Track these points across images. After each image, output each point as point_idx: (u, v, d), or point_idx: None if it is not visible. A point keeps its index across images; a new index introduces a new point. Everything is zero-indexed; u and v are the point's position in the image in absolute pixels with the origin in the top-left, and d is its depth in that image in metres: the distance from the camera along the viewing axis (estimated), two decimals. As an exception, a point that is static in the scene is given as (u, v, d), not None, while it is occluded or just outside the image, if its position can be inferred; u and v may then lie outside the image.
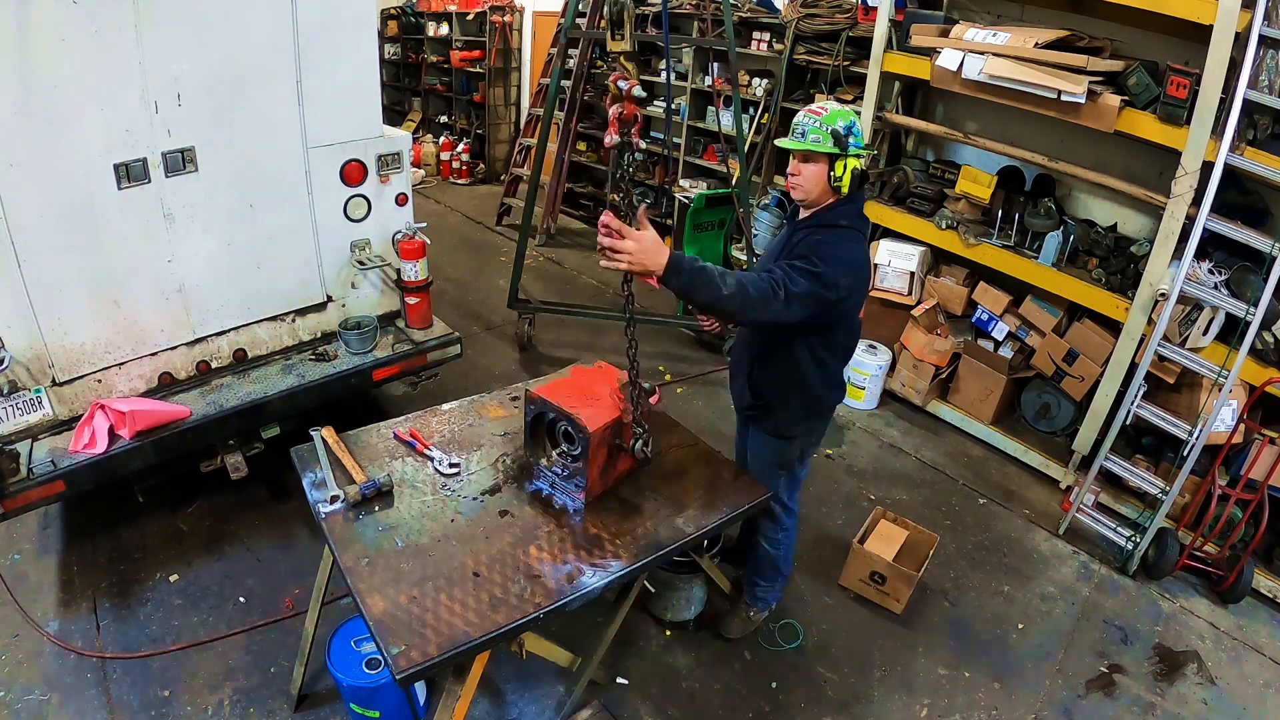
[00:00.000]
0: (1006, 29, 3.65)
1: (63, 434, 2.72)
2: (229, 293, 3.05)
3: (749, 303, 1.98)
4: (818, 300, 2.07)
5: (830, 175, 2.19)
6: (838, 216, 2.23)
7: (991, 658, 2.91)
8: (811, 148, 2.18)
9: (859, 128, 2.20)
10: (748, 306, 1.99)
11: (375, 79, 3.20)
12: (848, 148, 2.16)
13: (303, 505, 2.29)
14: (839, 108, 2.20)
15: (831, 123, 2.15)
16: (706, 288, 1.92)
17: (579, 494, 2.17)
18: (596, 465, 2.16)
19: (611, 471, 2.25)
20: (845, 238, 2.19)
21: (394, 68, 9.78)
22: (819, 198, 2.24)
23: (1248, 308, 3.01)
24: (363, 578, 1.87)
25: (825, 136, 2.16)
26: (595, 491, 2.20)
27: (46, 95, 2.38)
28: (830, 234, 2.19)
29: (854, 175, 2.18)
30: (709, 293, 1.93)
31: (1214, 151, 3.06)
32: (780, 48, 5.36)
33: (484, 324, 5.26)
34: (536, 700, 2.57)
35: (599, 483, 2.20)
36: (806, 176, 2.23)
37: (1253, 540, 3.18)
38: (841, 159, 2.17)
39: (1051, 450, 4.06)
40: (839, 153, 2.16)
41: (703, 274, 1.92)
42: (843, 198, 2.23)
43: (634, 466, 2.32)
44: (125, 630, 2.75)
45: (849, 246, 2.18)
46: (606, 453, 2.18)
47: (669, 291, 1.96)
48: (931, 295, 4.42)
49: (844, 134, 2.15)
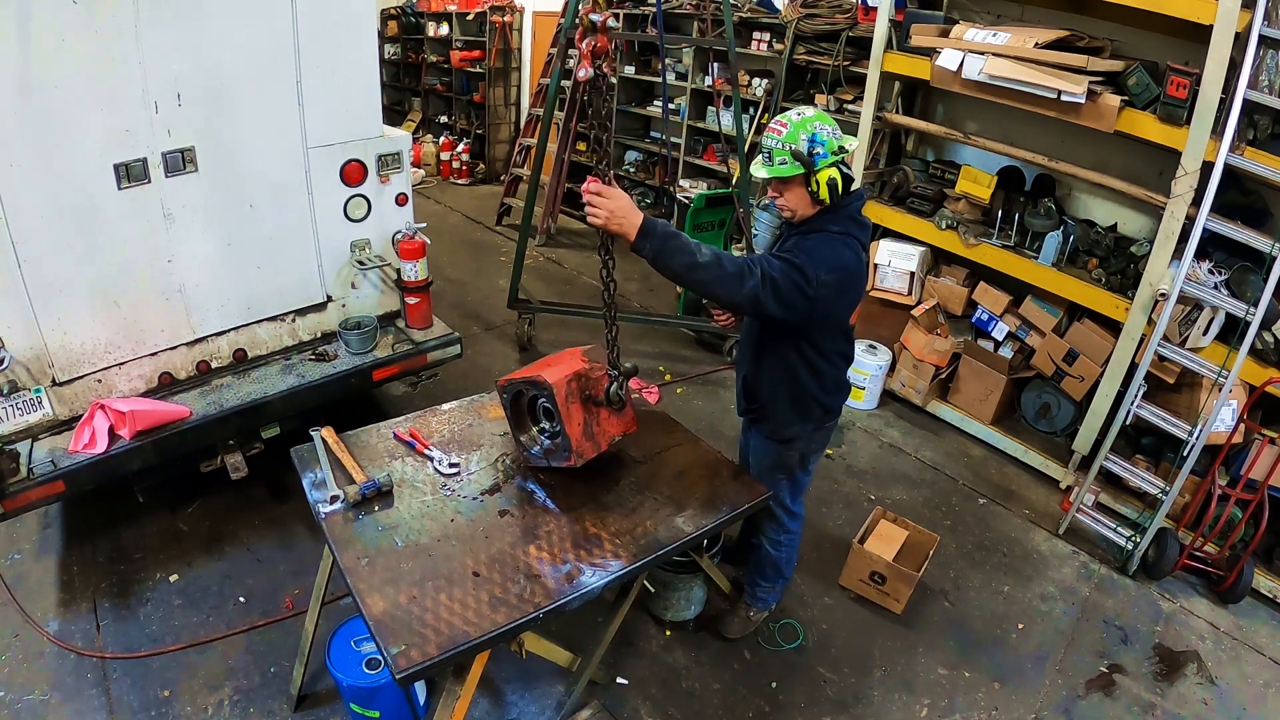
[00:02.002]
0: (1006, 29, 3.65)
1: (63, 434, 2.72)
2: (229, 293, 3.05)
3: (723, 275, 1.95)
4: (795, 289, 2.01)
5: (810, 191, 2.13)
6: (828, 223, 2.17)
7: (991, 658, 2.91)
8: (780, 173, 2.12)
9: (824, 134, 2.09)
10: (722, 279, 1.96)
11: (375, 79, 3.20)
12: (814, 163, 2.08)
13: (302, 505, 2.29)
14: (801, 117, 2.10)
15: (793, 140, 2.08)
16: (680, 253, 1.91)
17: (568, 457, 2.16)
18: (575, 423, 2.14)
19: (598, 429, 2.22)
20: (833, 241, 2.14)
21: (394, 68, 9.78)
22: (809, 212, 2.20)
23: (1248, 308, 3.01)
24: (362, 577, 1.88)
25: (789, 159, 2.09)
26: (585, 453, 2.17)
27: (46, 95, 2.38)
28: (819, 238, 2.16)
29: (833, 185, 2.10)
30: (682, 259, 1.91)
31: (1214, 151, 3.06)
32: (780, 48, 5.36)
33: (484, 324, 5.26)
34: (536, 700, 2.57)
35: (587, 443, 2.17)
36: (789, 200, 2.19)
37: (1253, 540, 3.18)
38: (813, 174, 2.09)
39: (1051, 450, 4.06)
40: (805, 171, 2.09)
41: (676, 239, 1.91)
42: (831, 205, 2.16)
43: (630, 429, 2.30)
44: (125, 630, 2.75)
45: (837, 248, 2.12)
46: (582, 408, 2.15)
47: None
48: (931, 295, 4.42)
49: (807, 150, 2.07)
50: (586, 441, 2.18)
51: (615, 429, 2.27)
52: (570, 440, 2.13)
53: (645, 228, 1.89)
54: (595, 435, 2.21)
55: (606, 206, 1.88)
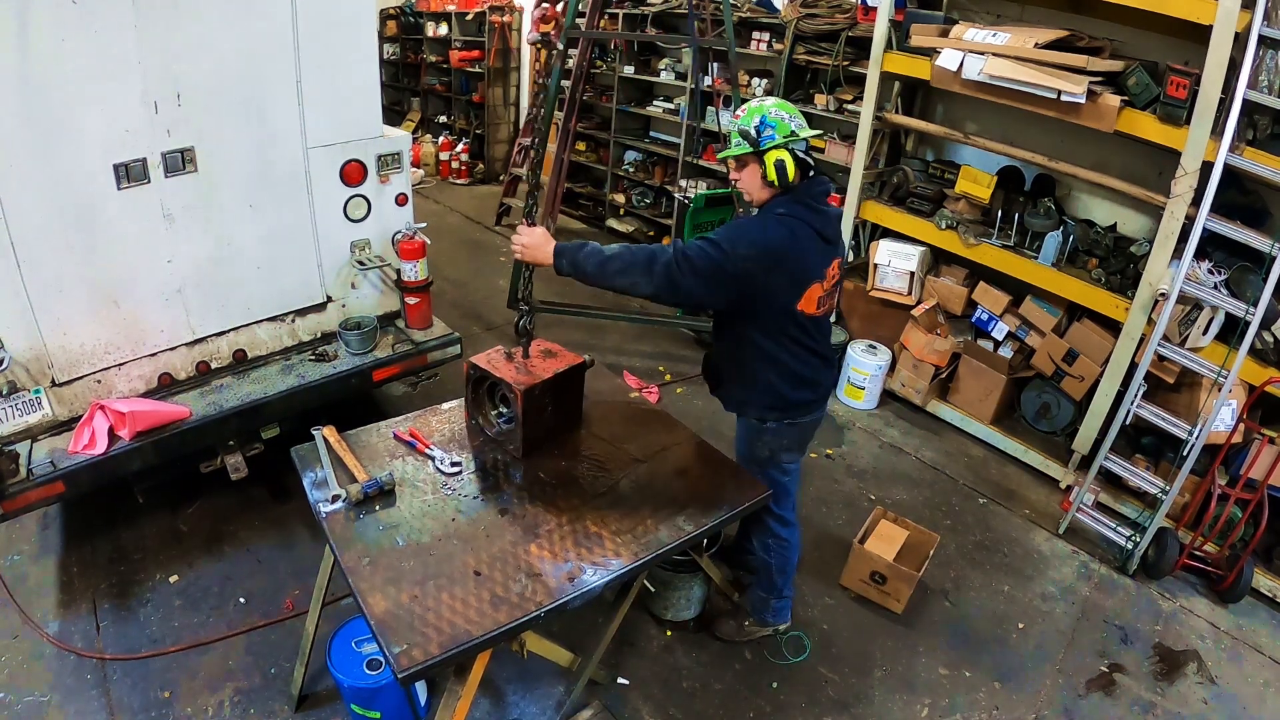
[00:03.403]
0: (1006, 29, 3.65)
1: (62, 435, 2.72)
2: (229, 293, 3.05)
3: (634, 262, 2.06)
4: (709, 262, 2.06)
5: (762, 174, 2.18)
6: (775, 206, 2.21)
7: (991, 657, 2.91)
8: (733, 153, 2.21)
9: (775, 118, 2.15)
10: (633, 265, 2.07)
11: (375, 79, 3.20)
12: (760, 144, 2.15)
13: (303, 505, 2.29)
14: (758, 104, 2.19)
15: (746, 124, 2.17)
16: (590, 257, 2.08)
17: (517, 452, 2.35)
18: (530, 425, 2.33)
19: (533, 369, 2.36)
20: (768, 220, 2.18)
21: (393, 68, 9.77)
22: (762, 195, 2.24)
23: (1247, 308, 3.01)
24: (364, 577, 1.87)
25: (738, 141, 2.17)
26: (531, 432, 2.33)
27: (46, 95, 2.38)
28: (753, 218, 2.22)
29: (781, 166, 2.13)
30: (593, 260, 2.07)
31: (1214, 151, 3.06)
32: (780, 48, 5.35)
33: (484, 324, 5.26)
34: (537, 700, 2.57)
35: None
36: (744, 181, 2.25)
37: (1252, 540, 3.18)
38: (761, 154, 2.15)
39: (1051, 450, 4.06)
40: (751, 150, 2.16)
41: (583, 248, 2.09)
42: (783, 189, 2.19)
43: (575, 361, 2.45)
44: (125, 631, 2.75)
45: (768, 226, 2.16)
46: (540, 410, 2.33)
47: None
48: (931, 295, 4.42)
49: (755, 132, 2.15)
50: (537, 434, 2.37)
51: (549, 369, 2.39)
52: (520, 440, 2.33)
53: (557, 250, 2.12)
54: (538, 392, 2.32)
55: (520, 242, 2.16)
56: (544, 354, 2.45)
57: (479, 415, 2.47)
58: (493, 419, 2.46)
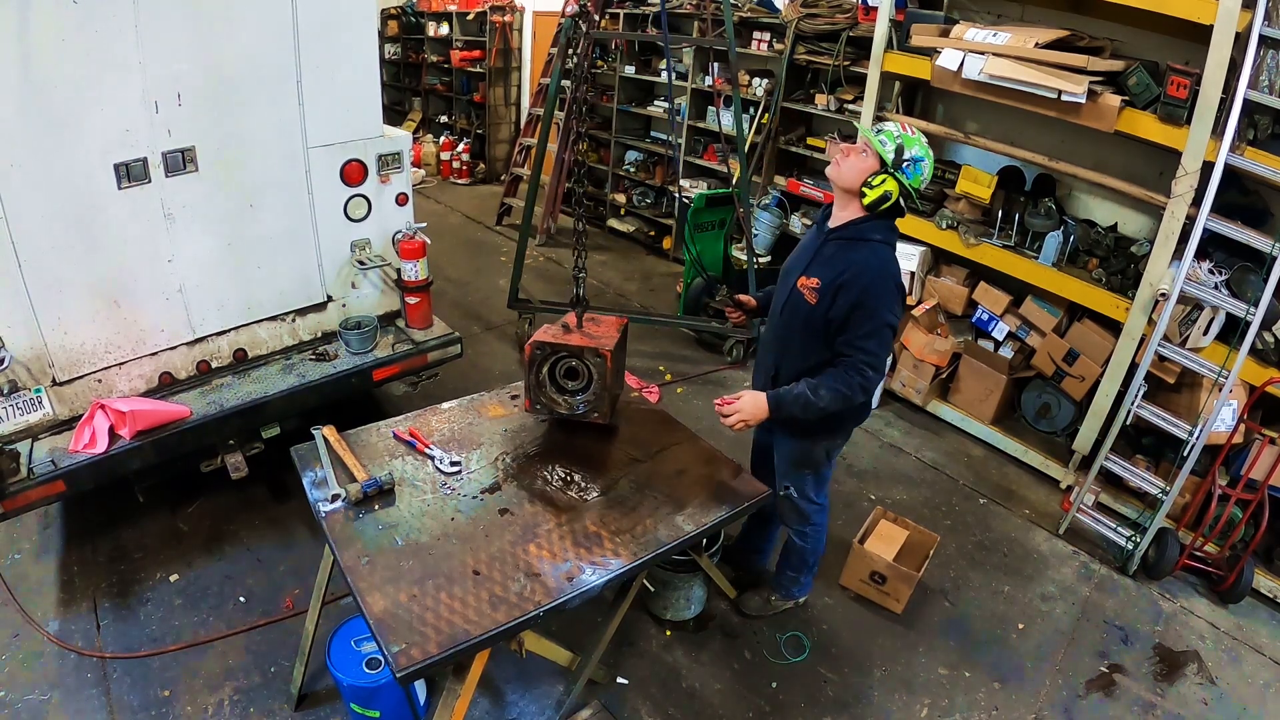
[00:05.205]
0: (1006, 29, 3.65)
1: (63, 434, 2.72)
2: (229, 293, 3.05)
3: (844, 396, 2.23)
4: (889, 344, 2.25)
5: (868, 178, 2.20)
6: (872, 230, 2.25)
7: (991, 658, 2.91)
8: (874, 142, 2.21)
9: (925, 169, 2.23)
10: (849, 398, 2.23)
11: (375, 78, 3.20)
12: (899, 168, 2.19)
13: (303, 505, 2.29)
14: (926, 146, 2.24)
15: (909, 145, 2.20)
16: (806, 407, 2.24)
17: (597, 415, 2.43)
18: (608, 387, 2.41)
19: (597, 332, 2.49)
20: (881, 258, 2.24)
21: (394, 68, 9.78)
22: (843, 189, 2.27)
23: (1248, 308, 3.01)
24: (363, 576, 1.88)
25: (892, 144, 2.19)
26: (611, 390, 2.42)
27: (46, 95, 2.38)
28: (871, 267, 2.21)
29: (882, 195, 2.19)
30: (812, 410, 2.24)
31: (1214, 151, 3.06)
32: (780, 48, 5.35)
33: (484, 324, 5.26)
34: (536, 700, 2.57)
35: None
36: (850, 164, 2.25)
37: (1253, 540, 3.18)
38: (885, 174, 2.19)
39: (1051, 450, 4.06)
40: (884, 166, 2.19)
41: (800, 399, 2.24)
42: (872, 215, 2.24)
43: (622, 322, 2.61)
44: (125, 630, 2.75)
45: (886, 268, 2.23)
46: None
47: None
48: (932, 295, 4.42)
49: (905, 157, 2.19)
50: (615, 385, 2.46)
51: (611, 329, 2.52)
52: (609, 404, 2.40)
53: (773, 404, 2.27)
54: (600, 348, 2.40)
55: (740, 418, 2.28)
56: (589, 321, 2.58)
57: (542, 399, 2.43)
58: (562, 400, 2.43)
